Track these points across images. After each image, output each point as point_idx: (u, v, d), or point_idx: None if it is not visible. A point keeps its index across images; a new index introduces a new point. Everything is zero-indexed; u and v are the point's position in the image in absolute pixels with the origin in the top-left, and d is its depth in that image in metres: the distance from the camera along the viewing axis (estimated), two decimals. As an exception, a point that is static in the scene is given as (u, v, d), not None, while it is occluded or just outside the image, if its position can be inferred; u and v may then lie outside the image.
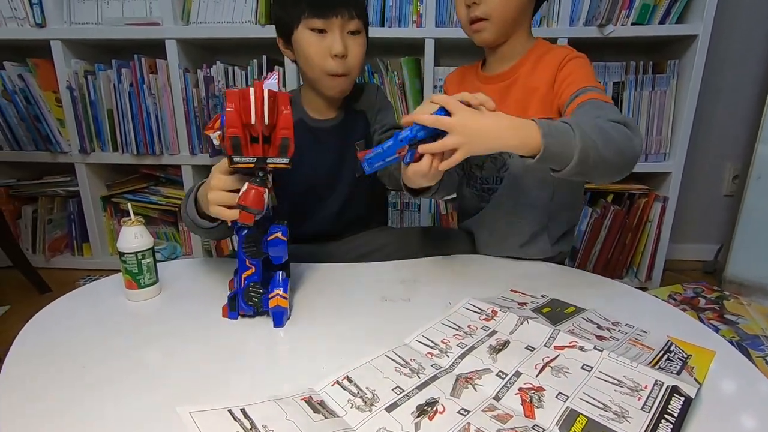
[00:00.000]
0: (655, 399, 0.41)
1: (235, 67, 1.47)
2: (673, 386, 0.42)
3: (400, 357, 0.50)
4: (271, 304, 0.60)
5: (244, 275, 0.61)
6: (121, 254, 0.64)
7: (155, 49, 1.46)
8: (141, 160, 1.57)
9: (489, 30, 0.79)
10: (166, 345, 0.55)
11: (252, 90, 0.53)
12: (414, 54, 1.50)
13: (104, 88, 1.50)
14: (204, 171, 1.62)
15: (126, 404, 0.44)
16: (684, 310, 1.25)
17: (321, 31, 0.79)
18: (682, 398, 0.41)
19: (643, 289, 1.54)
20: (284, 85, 1.46)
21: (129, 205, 0.69)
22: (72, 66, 1.51)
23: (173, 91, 1.48)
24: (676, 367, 0.47)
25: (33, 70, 1.52)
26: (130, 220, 0.65)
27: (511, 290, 0.70)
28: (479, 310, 0.60)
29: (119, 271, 0.66)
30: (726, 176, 1.70)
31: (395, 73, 1.44)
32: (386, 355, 0.50)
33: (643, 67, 1.40)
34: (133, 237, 0.64)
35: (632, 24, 1.34)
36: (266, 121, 0.54)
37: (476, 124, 0.59)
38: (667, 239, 1.49)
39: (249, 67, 1.47)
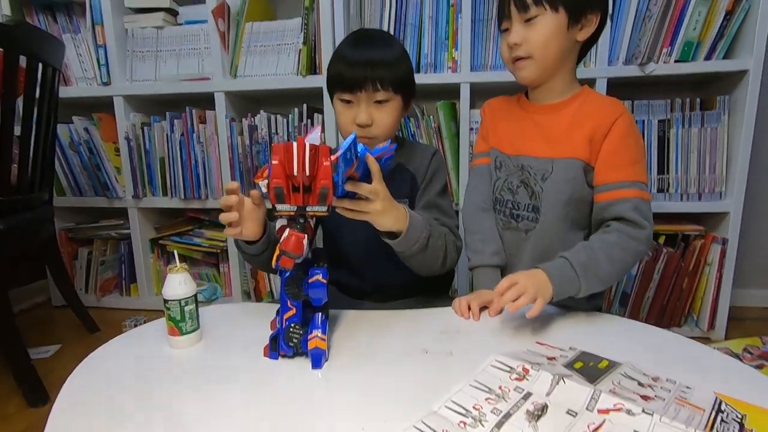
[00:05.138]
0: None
1: (278, 116, 1.55)
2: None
3: (429, 428, 0.46)
4: (310, 345, 0.60)
5: (285, 316, 0.63)
6: (166, 301, 0.66)
7: (205, 101, 1.56)
8: (188, 204, 1.65)
9: (531, 68, 0.80)
10: (205, 394, 0.55)
11: (295, 144, 0.55)
12: (449, 97, 1.52)
13: (158, 138, 1.61)
14: (246, 214, 1.68)
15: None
16: (761, 366, 1.12)
17: (349, 101, 0.85)
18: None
19: (706, 339, 1.41)
20: (323, 130, 1.51)
21: (175, 251, 0.71)
22: (131, 119, 1.63)
23: (219, 140, 1.57)
24: (733, 430, 0.42)
25: (97, 124, 1.66)
26: (176, 266, 0.67)
27: (537, 342, 0.66)
28: (508, 368, 0.56)
29: (162, 311, 0.68)
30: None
31: (431, 116, 1.47)
32: (415, 427, 0.46)
33: (690, 103, 1.35)
34: (178, 284, 0.66)
35: (675, 61, 1.30)
36: (307, 173, 0.56)
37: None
38: (730, 284, 1.37)
39: (290, 115, 1.53)
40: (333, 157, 0.56)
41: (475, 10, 1.38)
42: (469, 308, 0.77)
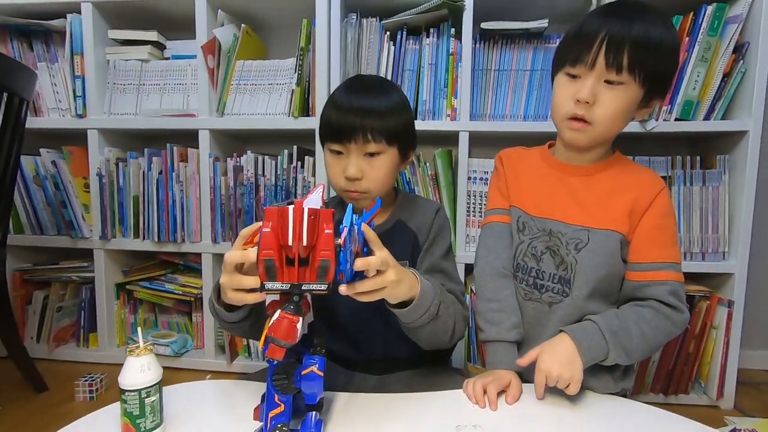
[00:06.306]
0: None
1: (266, 157, 1.46)
2: None
3: None
4: None
5: (270, 414, 0.51)
6: (123, 391, 0.53)
7: (188, 138, 1.47)
8: (161, 247, 1.52)
9: (587, 134, 0.72)
10: None
11: (291, 209, 0.46)
12: (447, 145, 1.48)
13: (133, 175, 1.49)
14: (224, 259, 1.55)
15: None
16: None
17: (339, 152, 0.79)
18: None
19: (715, 408, 1.33)
20: (314, 174, 1.43)
21: (139, 329, 0.59)
22: (105, 153, 1.52)
23: (201, 180, 1.46)
24: None
25: (67, 157, 1.54)
26: (138, 347, 0.55)
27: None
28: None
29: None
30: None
31: (427, 164, 1.41)
32: None
33: (690, 161, 1.33)
34: (139, 370, 0.54)
35: (676, 119, 1.29)
36: (305, 243, 0.47)
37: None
38: (738, 348, 1.31)
39: (279, 157, 1.45)
40: (340, 240, 0.47)
41: (475, 59, 1.35)
42: (484, 392, 0.67)
